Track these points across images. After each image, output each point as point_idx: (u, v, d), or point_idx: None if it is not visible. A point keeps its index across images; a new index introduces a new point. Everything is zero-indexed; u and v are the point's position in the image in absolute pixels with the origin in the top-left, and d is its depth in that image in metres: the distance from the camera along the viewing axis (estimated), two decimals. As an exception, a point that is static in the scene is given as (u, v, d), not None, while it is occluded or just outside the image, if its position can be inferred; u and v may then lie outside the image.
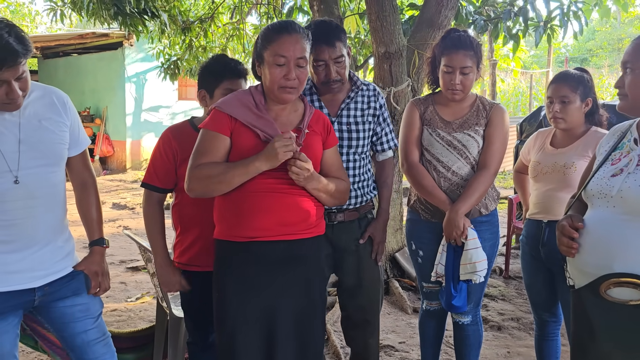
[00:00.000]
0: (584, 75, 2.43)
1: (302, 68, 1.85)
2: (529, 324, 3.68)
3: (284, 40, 1.81)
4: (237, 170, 1.79)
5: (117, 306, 4.16)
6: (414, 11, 5.00)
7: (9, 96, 1.64)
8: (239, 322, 1.85)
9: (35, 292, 1.80)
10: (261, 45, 1.87)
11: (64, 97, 1.90)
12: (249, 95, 1.92)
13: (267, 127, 1.85)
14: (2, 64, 1.57)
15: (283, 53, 1.81)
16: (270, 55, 1.82)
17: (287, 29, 1.83)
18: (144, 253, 2.82)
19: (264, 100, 1.91)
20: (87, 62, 13.08)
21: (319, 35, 2.12)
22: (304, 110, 1.98)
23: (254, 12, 7.47)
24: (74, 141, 1.93)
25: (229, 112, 1.85)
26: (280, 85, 1.83)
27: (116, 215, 8.01)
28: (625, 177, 1.56)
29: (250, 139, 1.84)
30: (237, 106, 1.87)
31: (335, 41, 2.15)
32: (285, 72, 1.82)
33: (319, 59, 2.16)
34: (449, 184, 2.36)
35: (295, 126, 1.93)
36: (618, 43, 26.56)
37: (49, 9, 5.76)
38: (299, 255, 1.90)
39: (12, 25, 1.61)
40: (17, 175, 1.71)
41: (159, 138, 2.22)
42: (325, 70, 2.18)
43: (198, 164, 1.83)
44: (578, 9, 4.70)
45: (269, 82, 1.85)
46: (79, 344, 1.90)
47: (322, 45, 2.14)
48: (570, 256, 1.64)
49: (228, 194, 1.84)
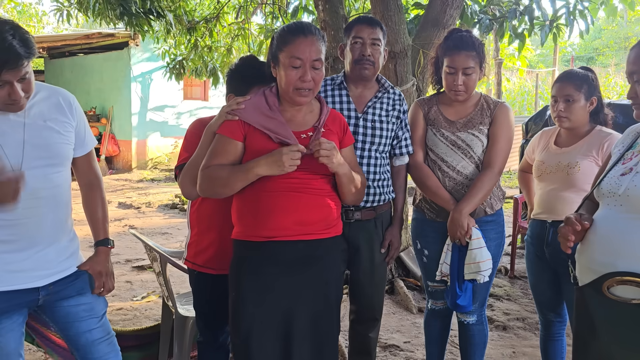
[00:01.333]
0: (589, 74, 2.42)
1: (317, 70, 1.85)
2: (535, 324, 3.67)
3: (299, 42, 1.81)
4: (238, 175, 1.81)
5: (123, 305, 4.18)
6: (419, 10, 5.00)
7: (11, 97, 1.64)
8: (255, 322, 1.85)
9: (39, 291, 1.81)
10: (276, 46, 1.87)
11: (70, 98, 1.91)
12: (261, 97, 1.92)
13: (280, 129, 1.85)
14: (4, 65, 1.58)
15: (299, 55, 1.81)
16: (286, 57, 1.82)
17: (303, 31, 1.83)
18: (150, 252, 2.83)
19: (277, 102, 1.91)
20: (93, 62, 13.14)
21: (363, 18, 2.36)
22: (320, 110, 1.98)
23: (259, 11, 7.47)
24: (79, 142, 1.93)
25: (240, 117, 1.87)
26: (295, 87, 1.83)
27: (122, 214, 8.04)
28: (633, 176, 1.58)
29: (263, 142, 1.85)
30: (248, 111, 1.88)
31: (376, 25, 2.32)
32: (300, 74, 1.82)
33: (357, 35, 2.31)
34: (453, 184, 2.36)
35: (311, 126, 1.93)
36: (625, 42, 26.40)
37: (55, 9, 5.80)
38: (317, 256, 1.90)
39: (17, 27, 1.62)
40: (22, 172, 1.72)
41: (188, 128, 2.19)
42: (361, 48, 2.30)
43: (208, 165, 1.86)
44: (584, 7, 4.69)
45: (284, 84, 1.85)
46: (83, 343, 1.90)
47: (363, 25, 2.32)
48: (566, 250, 1.66)
49: (245, 194, 1.85)
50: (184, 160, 2.10)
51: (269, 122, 1.86)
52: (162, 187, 10.59)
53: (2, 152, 1.70)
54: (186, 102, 13.46)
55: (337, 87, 2.38)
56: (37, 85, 1.79)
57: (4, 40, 1.56)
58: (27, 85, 1.68)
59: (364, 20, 2.34)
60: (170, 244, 6.14)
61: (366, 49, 2.28)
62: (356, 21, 2.35)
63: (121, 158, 12.89)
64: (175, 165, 2.18)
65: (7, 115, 1.72)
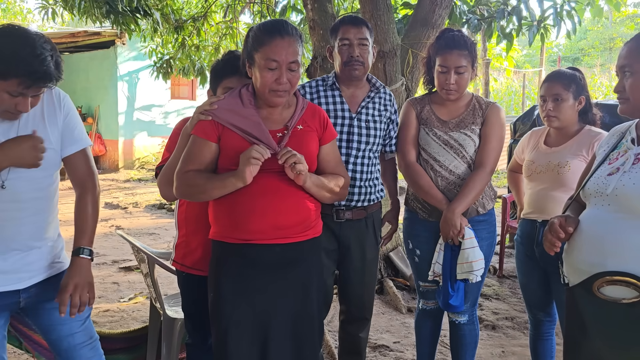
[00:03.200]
0: (577, 74, 2.43)
1: (294, 72, 1.81)
2: (523, 323, 3.68)
3: (276, 44, 1.77)
4: (215, 183, 1.79)
5: (110, 306, 4.13)
6: (408, 10, 5.00)
7: (17, 108, 1.61)
8: (231, 323, 1.84)
9: (20, 293, 1.77)
10: (252, 46, 1.83)
11: (60, 93, 1.83)
12: (236, 97, 1.89)
13: (254, 129, 1.82)
14: (35, 82, 1.57)
15: (275, 57, 1.77)
16: (262, 58, 1.78)
17: (280, 32, 1.78)
18: (137, 253, 2.79)
19: (254, 100, 1.89)
20: (79, 60, 12.99)
21: (348, 19, 2.35)
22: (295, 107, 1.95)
23: (247, 10, 7.44)
24: (69, 137, 1.82)
25: (214, 118, 1.84)
26: (271, 89, 1.80)
27: (108, 214, 7.96)
28: (621, 175, 1.58)
29: (237, 142, 1.82)
30: (222, 111, 1.85)
31: (362, 25, 2.32)
32: (276, 76, 1.78)
33: (344, 37, 2.30)
34: (446, 183, 2.35)
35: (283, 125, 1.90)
36: (610, 42, 26.70)
37: (40, 7, 5.72)
38: (295, 259, 1.88)
39: (56, 49, 1.63)
40: (4, 179, 1.67)
41: (175, 126, 2.18)
42: (349, 50, 2.30)
43: (186, 169, 1.84)
44: (571, 8, 4.72)
45: (260, 86, 1.82)
46: (65, 348, 1.86)
47: (349, 25, 2.31)
48: (551, 253, 1.68)
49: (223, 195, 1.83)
50: (165, 160, 2.10)
51: (242, 122, 1.83)
52: (150, 187, 10.50)
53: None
54: (173, 102, 13.37)
55: (329, 87, 2.38)
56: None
57: (44, 60, 1.56)
58: (36, 101, 1.67)
59: (349, 21, 2.33)
60: (157, 244, 6.09)
61: (354, 50, 2.28)
62: (341, 22, 2.34)
63: (108, 158, 12.77)
64: (156, 165, 2.16)
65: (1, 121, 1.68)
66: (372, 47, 2.35)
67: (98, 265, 5.24)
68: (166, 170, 2.01)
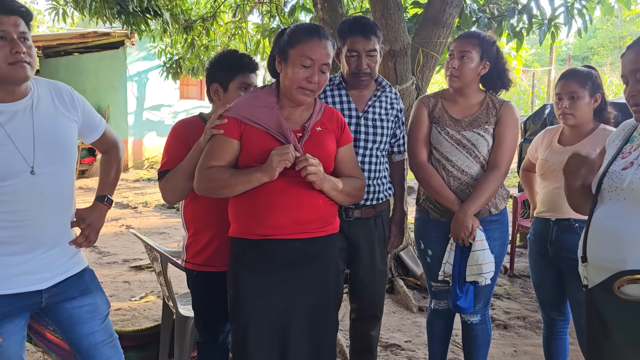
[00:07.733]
0: (592, 72, 2.41)
1: (324, 74, 1.87)
2: (535, 323, 3.66)
3: (314, 43, 1.83)
4: (240, 178, 1.82)
5: (121, 305, 4.15)
6: (418, 9, 4.99)
7: (12, 51, 1.61)
8: (251, 320, 1.86)
9: (42, 294, 1.78)
10: (287, 42, 1.87)
11: (69, 89, 1.90)
12: (258, 96, 1.92)
13: (277, 126, 1.86)
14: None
15: (311, 55, 1.83)
16: (297, 55, 1.83)
17: (319, 34, 1.86)
18: (150, 252, 2.80)
19: (276, 100, 1.92)
20: (89, 61, 13.07)
21: (356, 27, 2.26)
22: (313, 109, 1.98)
23: (255, 10, 7.45)
24: (94, 127, 1.99)
25: (236, 116, 1.88)
26: (300, 86, 1.84)
27: (119, 214, 8.00)
28: (636, 169, 1.58)
29: (261, 139, 1.85)
30: (245, 109, 1.89)
31: (371, 35, 2.25)
32: (309, 74, 1.83)
33: (352, 49, 2.25)
34: (458, 184, 2.34)
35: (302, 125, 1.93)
36: (619, 41, 26.47)
37: (50, 8, 5.74)
38: (314, 254, 1.91)
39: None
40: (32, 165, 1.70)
41: (171, 130, 2.19)
42: (357, 62, 2.26)
43: (208, 165, 1.87)
44: (582, 6, 4.68)
45: (289, 81, 1.85)
46: (86, 347, 1.87)
47: (358, 36, 2.24)
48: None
49: (242, 192, 1.85)
50: (164, 164, 2.14)
51: (265, 118, 1.87)
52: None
53: (18, 153, 1.68)
54: (182, 102, 13.41)
55: (335, 87, 2.38)
56: (35, 80, 1.78)
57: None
58: (29, 50, 1.67)
59: (357, 30, 2.26)
60: (168, 243, 6.11)
61: (362, 62, 2.26)
62: (350, 30, 2.27)
63: (117, 158, 12.81)
64: (158, 170, 2.19)
65: (16, 114, 1.70)
66: (380, 47, 2.33)
67: (109, 264, 5.27)
68: (172, 176, 2.05)
